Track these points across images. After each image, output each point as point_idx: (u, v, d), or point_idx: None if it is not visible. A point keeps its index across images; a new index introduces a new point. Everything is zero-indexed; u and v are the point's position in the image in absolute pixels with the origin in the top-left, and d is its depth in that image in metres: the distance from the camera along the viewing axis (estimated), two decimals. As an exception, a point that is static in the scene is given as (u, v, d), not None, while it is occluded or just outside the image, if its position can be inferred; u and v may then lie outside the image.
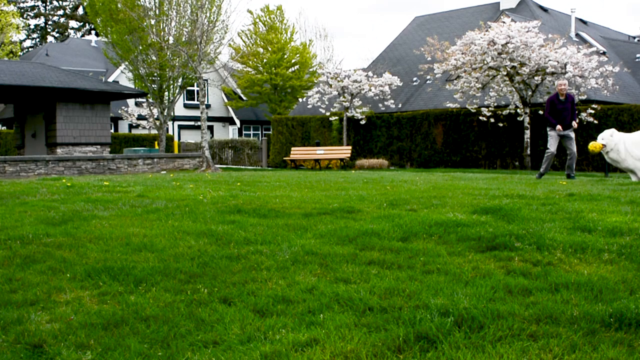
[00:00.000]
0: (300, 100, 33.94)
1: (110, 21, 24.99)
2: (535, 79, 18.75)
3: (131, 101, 37.27)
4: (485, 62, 18.79)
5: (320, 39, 61.53)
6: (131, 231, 5.23)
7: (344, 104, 24.74)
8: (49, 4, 63.53)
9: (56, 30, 63.83)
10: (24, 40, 61.11)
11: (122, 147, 29.67)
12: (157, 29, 24.05)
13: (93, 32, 54.60)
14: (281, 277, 3.70)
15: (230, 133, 42.73)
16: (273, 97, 37.83)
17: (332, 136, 25.99)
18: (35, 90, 20.59)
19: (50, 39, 62.06)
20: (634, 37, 34.86)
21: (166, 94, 26.16)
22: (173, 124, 37.96)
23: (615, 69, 19.05)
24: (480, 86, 20.01)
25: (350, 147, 23.20)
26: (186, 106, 39.96)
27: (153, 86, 25.76)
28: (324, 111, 26.09)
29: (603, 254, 4.07)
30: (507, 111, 20.57)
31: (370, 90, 24.34)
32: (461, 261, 4.01)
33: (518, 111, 20.12)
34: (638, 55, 28.36)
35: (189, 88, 33.90)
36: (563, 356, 2.47)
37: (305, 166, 24.52)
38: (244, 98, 39.80)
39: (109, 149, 22.66)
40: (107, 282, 3.69)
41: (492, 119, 20.98)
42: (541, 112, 18.84)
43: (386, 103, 24.86)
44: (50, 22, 64.10)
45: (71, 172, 19.15)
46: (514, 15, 25.16)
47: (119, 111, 35.45)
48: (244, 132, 42.24)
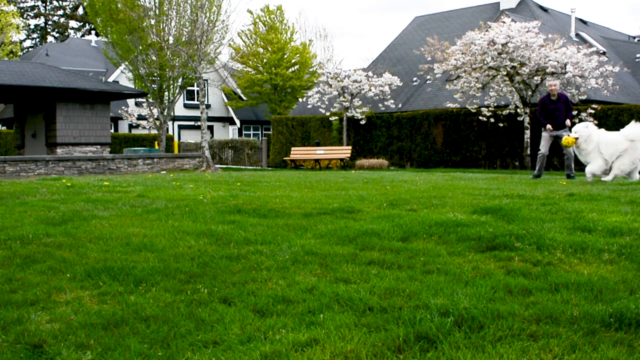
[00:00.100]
0: (300, 100, 33.94)
1: (110, 21, 24.99)
2: (535, 79, 18.75)
3: (131, 101, 37.27)
4: (485, 62, 18.79)
5: (320, 39, 61.57)
6: (131, 231, 5.23)
7: (344, 104, 24.74)
8: (49, 4, 63.53)
9: (56, 30, 63.84)
10: (24, 40, 61.17)
11: (122, 147, 29.66)
12: (157, 29, 24.05)
13: (93, 32, 54.60)
14: (281, 277, 3.70)
15: (230, 133, 42.73)
16: (273, 97, 37.82)
17: (332, 136, 25.98)
18: (35, 90, 20.59)
19: (50, 39, 62.06)
20: (634, 37, 34.87)
21: (166, 94, 26.17)
22: (173, 124, 37.96)
23: (615, 69, 19.05)
24: (480, 86, 20.00)
25: (350, 147, 23.20)
26: (186, 106, 39.95)
27: (153, 86, 25.76)
28: (324, 111, 26.09)
29: (603, 254, 4.07)
30: (507, 111, 20.57)
31: (370, 90, 24.33)
32: (461, 261, 4.01)
33: (518, 111, 20.12)
34: (638, 55, 28.36)
35: (189, 88, 33.90)
36: (563, 356, 2.47)
37: (305, 166, 24.52)
38: (244, 98, 39.80)
39: (109, 149, 22.66)
40: (107, 282, 3.69)
41: (492, 119, 20.99)
42: None
43: (386, 103, 24.86)
44: (50, 22, 64.10)
45: (71, 172, 19.15)
46: (514, 15, 25.16)
47: (119, 111, 35.45)
48: (244, 132, 42.24)
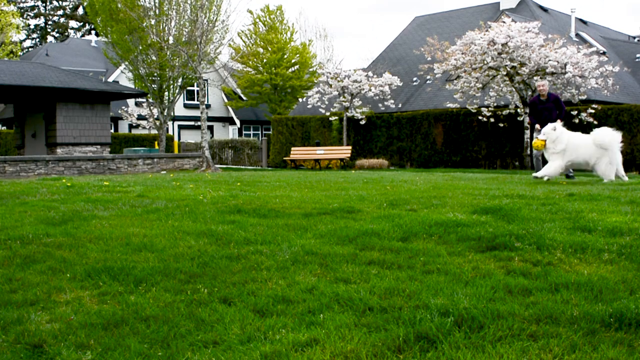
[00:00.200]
0: (300, 100, 33.93)
1: (110, 21, 24.99)
2: (535, 79, 18.72)
3: (131, 101, 37.26)
4: (485, 62, 18.78)
5: (320, 39, 61.53)
6: (131, 231, 5.22)
7: (344, 104, 24.73)
8: (49, 4, 63.52)
9: (56, 30, 63.83)
10: (24, 40, 61.15)
11: (122, 147, 29.66)
12: (157, 29, 24.05)
13: (93, 32, 54.59)
14: (281, 277, 3.70)
15: (230, 133, 42.72)
16: (273, 97, 37.82)
17: (332, 136, 25.98)
18: (35, 90, 20.59)
19: (50, 39, 62.06)
20: (634, 37, 34.86)
21: (166, 94, 26.16)
22: (173, 124, 37.95)
23: (615, 69, 19.04)
24: (480, 86, 20.00)
25: (350, 147, 23.20)
26: (186, 106, 39.95)
27: (153, 86, 25.75)
28: (324, 111, 26.08)
29: (603, 254, 4.07)
30: (507, 111, 20.57)
31: (370, 90, 24.32)
32: (461, 261, 4.01)
33: (518, 111, 20.11)
34: (638, 55, 28.36)
35: (189, 88, 33.90)
36: (563, 356, 2.47)
37: (305, 166, 24.52)
38: (244, 98, 39.79)
39: (109, 149, 22.66)
40: (107, 282, 3.69)
41: (492, 119, 20.98)
42: None
43: (386, 103, 24.85)
44: (50, 22, 64.09)
45: (71, 172, 19.14)
46: (514, 15, 25.15)
47: (119, 111, 35.44)
48: (244, 132, 42.23)
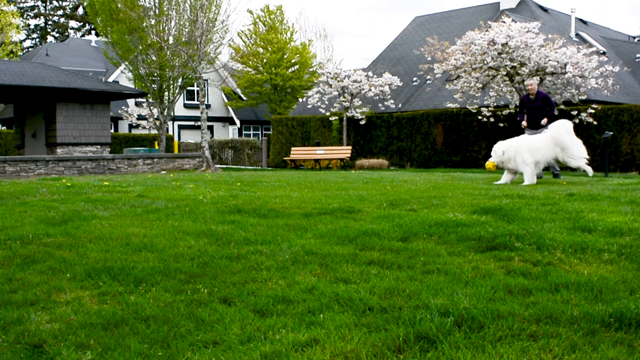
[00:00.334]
0: (300, 100, 33.93)
1: (110, 21, 24.99)
2: (535, 78, 18.72)
3: (131, 101, 37.26)
4: (485, 62, 18.78)
5: (320, 39, 61.52)
6: (131, 231, 5.22)
7: (344, 104, 24.73)
8: (49, 4, 63.52)
9: (56, 30, 63.83)
10: (24, 40, 61.15)
11: (122, 147, 29.66)
12: (157, 29, 24.05)
13: (93, 32, 54.60)
14: (281, 277, 3.69)
15: (230, 133, 42.72)
16: (273, 97, 37.82)
17: (332, 136, 25.97)
18: (35, 90, 20.59)
19: (50, 39, 62.07)
20: (634, 37, 34.85)
21: (166, 94, 26.16)
22: (173, 124, 37.95)
23: (615, 69, 19.03)
24: (480, 86, 19.99)
25: (350, 147, 23.20)
26: (186, 106, 39.95)
27: (153, 86, 25.76)
28: (324, 111, 26.08)
29: (603, 254, 4.07)
30: (507, 111, 20.56)
31: (370, 90, 24.32)
32: (461, 261, 4.01)
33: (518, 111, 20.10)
34: (638, 55, 28.35)
35: (189, 88, 33.90)
36: (563, 356, 2.47)
37: (305, 166, 24.52)
38: (244, 98, 39.79)
39: (109, 149, 22.66)
40: (107, 282, 3.69)
41: (492, 119, 20.98)
42: None
43: (386, 103, 24.85)
44: (50, 22, 64.10)
45: (71, 172, 19.14)
46: (514, 15, 25.15)
47: (119, 111, 35.44)
48: (244, 132, 42.23)
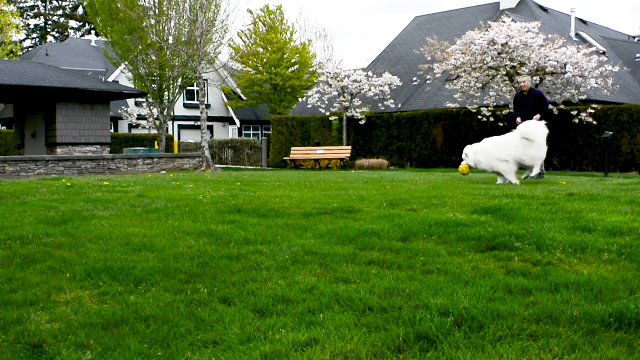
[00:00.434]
0: (300, 100, 33.92)
1: (110, 21, 24.99)
2: (534, 79, 18.73)
3: (131, 101, 37.26)
4: (485, 62, 18.77)
5: (320, 39, 61.56)
6: (131, 231, 5.22)
7: (344, 104, 24.73)
8: (49, 4, 63.52)
9: (56, 30, 63.83)
10: (24, 40, 61.15)
11: (122, 147, 29.66)
12: (157, 29, 24.05)
13: (93, 32, 54.60)
14: (281, 277, 3.69)
15: (230, 133, 42.72)
16: (273, 97, 37.82)
17: (332, 136, 25.97)
18: (35, 90, 20.59)
19: (50, 39, 62.06)
20: (634, 37, 34.84)
21: (166, 94, 26.16)
22: (173, 124, 37.95)
23: (615, 69, 19.03)
24: (480, 86, 19.99)
25: (350, 147, 23.19)
26: (186, 106, 39.95)
27: (153, 86, 25.75)
28: (324, 111, 26.08)
29: (603, 254, 4.07)
30: (507, 111, 20.55)
31: (370, 90, 24.32)
32: (461, 261, 4.01)
33: (518, 111, 20.10)
34: (638, 55, 28.35)
35: (189, 88, 33.90)
36: (563, 356, 2.47)
37: (305, 166, 24.51)
38: (244, 98, 39.79)
39: (109, 149, 22.65)
40: (107, 282, 3.69)
41: (492, 119, 20.98)
42: None
43: (386, 103, 24.84)
44: (50, 22, 64.09)
45: (71, 172, 19.14)
46: (514, 15, 25.15)
47: (119, 111, 35.44)
48: (244, 132, 42.23)
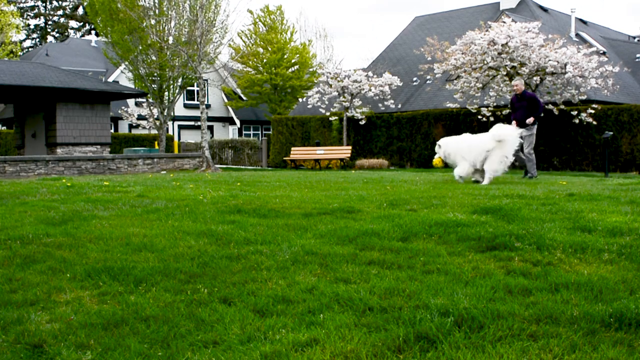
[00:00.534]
0: (300, 100, 33.92)
1: (110, 21, 24.99)
2: (535, 79, 18.73)
3: (131, 101, 37.26)
4: (485, 62, 18.77)
5: (320, 39, 61.61)
6: (131, 231, 5.22)
7: (344, 104, 24.73)
8: (49, 4, 63.52)
9: (56, 30, 63.83)
10: (24, 40, 61.17)
11: (122, 147, 29.66)
12: (157, 29, 24.06)
13: (93, 32, 54.61)
14: (281, 277, 3.69)
15: (230, 133, 42.72)
16: (273, 97, 37.82)
17: (332, 136, 25.97)
18: (35, 90, 20.59)
19: (50, 39, 62.06)
20: (634, 37, 34.85)
21: (166, 94, 26.16)
22: (173, 124, 37.95)
23: (615, 69, 19.03)
24: (480, 86, 19.99)
25: (350, 147, 23.20)
26: (186, 106, 39.95)
27: (153, 86, 25.75)
28: (324, 111, 26.08)
29: (603, 254, 4.07)
30: (507, 111, 20.55)
31: (370, 90, 24.32)
32: (461, 261, 4.01)
33: (518, 111, 20.09)
34: (638, 55, 28.35)
35: (189, 88, 33.90)
36: (563, 356, 2.47)
37: (305, 166, 24.52)
38: (244, 98, 39.79)
39: (109, 149, 22.66)
40: (107, 282, 3.69)
41: (492, 119, 20.95)
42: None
43: (386, 103, 24.84)
44: (50, 22, 64.10)
45: (71, 172, 19.14)
46: (514, 15, 25.15)
47: (119, 111, 35.45)
48: (244, 132, 42.23)
